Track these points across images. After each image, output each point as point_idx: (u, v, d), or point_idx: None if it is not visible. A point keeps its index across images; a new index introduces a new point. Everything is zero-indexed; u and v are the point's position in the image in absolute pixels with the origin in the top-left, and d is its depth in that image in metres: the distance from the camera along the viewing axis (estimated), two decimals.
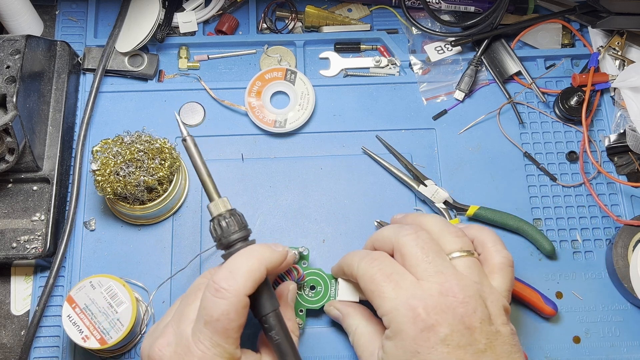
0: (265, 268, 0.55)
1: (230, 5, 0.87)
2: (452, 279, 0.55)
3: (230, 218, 0.58)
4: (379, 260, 0.58)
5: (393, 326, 0.55)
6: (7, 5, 0.78)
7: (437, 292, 0.54)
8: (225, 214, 0.59)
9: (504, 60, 0.84)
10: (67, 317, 0.65)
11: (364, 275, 0.58)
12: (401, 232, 0.59)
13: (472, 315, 0.54)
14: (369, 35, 0.86)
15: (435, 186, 0.76)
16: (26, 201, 0.74)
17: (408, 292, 0.55)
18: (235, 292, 0.53)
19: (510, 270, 0.60)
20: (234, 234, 0.58)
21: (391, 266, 0.58)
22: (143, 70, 0.82)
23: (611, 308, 0.73)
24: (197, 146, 0.61)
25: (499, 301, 0.57)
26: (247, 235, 0.59)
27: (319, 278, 0.70)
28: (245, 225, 0.59)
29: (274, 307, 0.56)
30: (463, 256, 0.58)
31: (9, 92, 0.69)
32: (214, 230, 0.59)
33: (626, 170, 0.79)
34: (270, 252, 0.56)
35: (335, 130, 0.81)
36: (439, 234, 0.60)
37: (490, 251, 0.60)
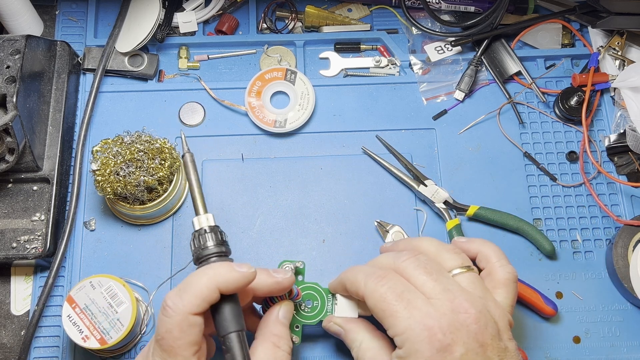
0: (217, 287, 0.53)
1: (230, 5, 0.87)
2: (460, 295, 0.54)
3: (209, 233, 0.57)
4: (387, 278, 0.57)
5: (407, 346, 0.53)
6: (7, 5, 0.78)
7: (449, 310, 0.53)
8: (205, 229, 0.58)
9: (504, 60, 0.84)
10: (67, 317, 0.65)
11: (372, 294, 0.56)
12: (400, 258, 0.58)
13: (484, 331, 0.53)
14: (369, 35, 0.86)
15: (435, 186, 0.76)
16: (26, 201, 0.74)
17: (422, 311, 0.53)
18: (179, 311, 0.52)
19: (515, 286, 0.59)
20: (207, 249, 0.57)
21: (402, 284, 0.56)
22: (143, 70, 0.82)
23: (611, 308, 0.73)
24: (194, 163, 0.63)
25: (505, 316, 0.56)
26: (221, 252, 0.57)
27: (316, 293, 0.66)
28: (223, 241, 0.58)
29: (235, 328, 0.54)
30: (463, 272, 0.57)
31: (9, 92, 0.69)
32: (192, 242, 0.58)
33: (626, 170, 0.79)
34: (227, 270, 0.54)
35: (335, 130, 0.81)
36: (436, 253, 0.59)
37: (494, 266, 0.60)
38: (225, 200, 0.77)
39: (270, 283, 0.59)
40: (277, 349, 0.57)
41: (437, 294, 0.54)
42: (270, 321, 0.60)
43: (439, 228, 0.76)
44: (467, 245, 0.62)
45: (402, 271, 0.57)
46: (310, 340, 0.71)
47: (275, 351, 0.57)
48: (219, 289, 0.53)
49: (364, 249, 0.75)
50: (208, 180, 0.78)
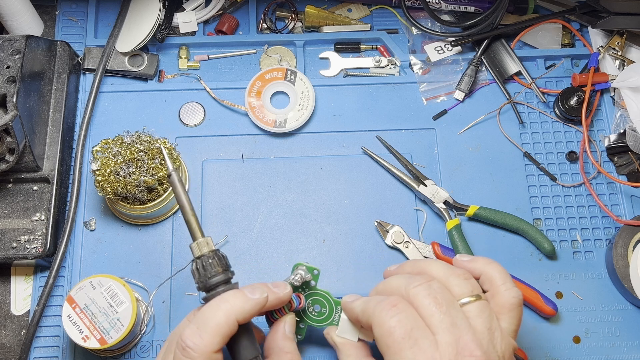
0: (236, 320, 0.52)
1: (230, 5, 0.87)
2: (466, 333, 0.52)
3: (213, 259, 0.56)
4: (398, 308, 0.54)
5: None
6: (7, 5, 0.78)
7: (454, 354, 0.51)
8: (208, 255, 0.56)
9: (504, 60, 0.84)
10: (67, 317, 0.65)
11: (381, 325, 0.54)
12: (412, 283, 0.56)
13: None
14: (369, 35, 0.86)
15: (435, 186, 0.76)
16: (26, 201, 0.74)
17: (426, 355, 0.51)
18: (200, 352, 0.51)
19: (520, 310, 0.57)
20: (214, 277, 0.55)
21: (411, 319, 0.53)
22: (143, 70, 0.82)
23: (611, 308, 0.73)
24: (182, 182, 0.59)
25: (509, 344, 0.54)
26: (228, 278, 0.56)
27: (325, 301, 0.66)
28: (228, 266, 0.57)
29: (252, 355, 0.54)
30: (472, 301, 0.55)
31: (9, 92, 0.69)
32: (195, 271, 0.56)
33: (626, 170, 0.79)
34: (243, 301, 0.53)
35: (335, 130, 0.81)
36: (446, 279, 0.57)
37: (499, 290, 0.58)
38: (225, 200, 0.77)
39: (271, 299, 0.58)
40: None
41: (444, 329, 0.52)
42: (279, 339, 0.59)
43: (439, 228, 0.76)
44: (471, 265, 0.60)
45: (413, 298, 0.55)
46: (312, 342, 0.71)
47: None
48: (237, 321, 0.53)
49: (364, 249, 0.75)
50: (208, 180, 0.78)
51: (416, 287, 0.55)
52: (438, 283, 0.56)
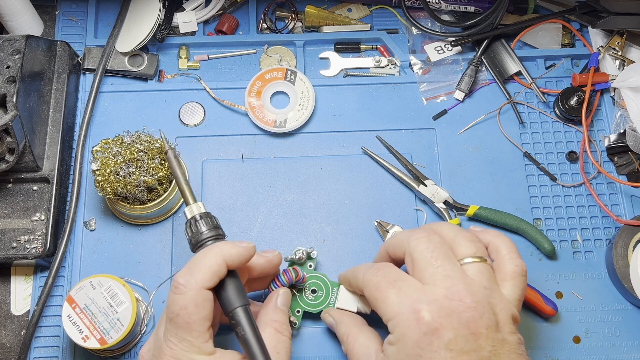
0: (224, 261, 0.55)
1: (230, 5, 0.87)
2: (459, 283, 0.54)
3: (202, 220, 0.60)
4: (383, 269, 0.59)
5: (397, 330, 0.54)
6: (7, 5, 0.78)
7: (442, 295, 0.54)
8: (197, 216, 0.60)
9: (504, 60, 0.84)
10: (67, 317, 0.65)
11: (368, 284, 0.58)
12: (413, 236, 0.59)
13: (478, 321, 0.53)
14: (369, 35, 0.86)
15: (435, 186, 0.76)
16: (26, 201, 0.74)
17: (412, 296, 0.54)
18: (191, 287, 0.53)
19: (523, 279, 0.59)
20: (204, 233, 0.59)
21: (395, 273, 0.58)
22: (143, 70, 0.82)
23: (611, 308, 0.73)
24: (177, 157, 0.66)
25: (508, 309, 0.56)
26: (217, 235, 0.60)
27: (322, 283, 0.69)
28: (217, 226, 0.60)
29: (241, 302, 0.56)
30: (475, 262, 0.57)
31: (9, 92, 0.69)
32: (188, 229, 0.60)
33: (626, 170, 0.79)
34: (230, 246, 0.57)
35: (335, 130, 0.81)
36: (453, 238, 0.59)
37: (504, 259, 0.59)
38: (225, 200, 0.77)
39: (262, 262, 0.63)
40: (279, 334, 0.59)
41: (435, 280, 0.55)
42: (270, 308, 0.62)
43: None
44: (481, 235, 0.62)
45: (412, 250, 0.58)
46: (310, 341, 0.71)
47: (277, 336, 0.59)
48: (226, 263, 0.55)
49: (364, 248, 0.75)
50: (208, 180, 0.78)
51: (416, 240, 0.58)
52: (439, 238, 0.58)
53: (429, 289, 0.54)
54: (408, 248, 0.58)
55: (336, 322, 0.65)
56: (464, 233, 0.60)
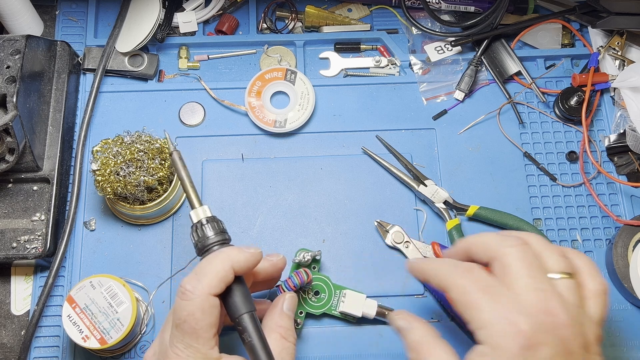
0: (232, 267, 0.55)
1: (230, 5, 0.87)
2: (554, 298, 0.51)
3: (208, 224, 0.59)
4: (473, 272, 0.54)
5: (490, 341, 0.50)
6: (7, 5, 0.78)
7: (540, 310, 0.51)
8: (203, 220, 0.59)
9: (504, 60, 0.84)
10: (67, 317, 0.65)
11: (456, 286, 0.54)
12: (506, 242, 0.55)
13: (574, 340, 0.50)
14: (369, 35, 0.86)
15: (435, 186, 0.76)
16: (26, 201, 0.74)
17: (507, 306, 0.51)
18: (199, 293, 0.53)
19: (606, 298, 0.56)
20: (210, 238, 0.58)
21: (486, 279, 0.53)
22: (143, 70, 0.82)
23: (611, 308, 0.73)
24: (182, 159, 0.63)
25: (595, 329, 0.53)
26: (223, 239, 0.58)
27: (325, 285, 0.70)
28: (223, 230, 0.59)
29: (247, 309, 0.55)
30: (565, 278, 0.54)
31: (9, 92, 0.69)
32: (195, 234, 0.59)
33: (626, 170, 0.79)
34: (238, 252, 0.56)
35: (335, 130, 0.81)
36: (542, 251, 0.56)
37: (586, 276, 0.56)
38: (225, 200, 0.77)
39: (267, 266, 0.62)
40: (284, 340, 0.59)
41: (529, 291, 0.52)
42: (276, 313, 0.61)
43: (439, 228, 0.76)
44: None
45: (504, 256, 0.54)
46: (310, 341, 0.71)
47: (282, 342, 0.58)
48: (233, 270, 0.55)
49: (364, 248, 0.75)
50: (208, 180, 0.78)
51: (510, 247, 0.54)
52: (532, 249, 0.55)
53: (524, 300, 0.51)
54: (499, 253, 0.54)
55: (408, 327, 0.60)
56: (552, 247, 0.57)
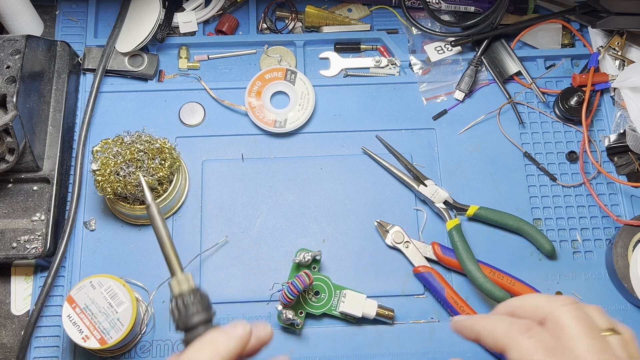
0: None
1: (230, 5, 0.87)
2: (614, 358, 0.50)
3: (194, 297, 0.51)
4: (534, 331, 0.51)
5: None
6: (7, 5, 0.78)
7: None
8: (188, 293, 0.51)
9: (504, 60, 0.84)
10: (67, 317, 0.65)
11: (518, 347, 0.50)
12: (558, 302, 0.53)
13: None
14: (369, 35, 0.86)
15: (435, 186, 0.76)
16: (26, 201, 0.74)
17: None
18: None
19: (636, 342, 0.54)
20: (194, 316, 0.50)
21: (550, 340, 0.51)
22: (143, 70, 0.82)
23: (611, 308, 0.73)
24: (161, 214, 0.55)
25: None
26: (210, 318, 0.51)
27: (325, 285, 0.71)
28: (209, 306, 0.51)
29: None
30: (613, 334, 0.52)
31: (9, 92, 0.69)
32: (175, 309, 0.51)
33: (626, 170, 0.79)
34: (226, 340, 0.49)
35: (335, 130, 0.81)
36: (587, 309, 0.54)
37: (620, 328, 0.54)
38: (225, 200, 0.77)
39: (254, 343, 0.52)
40: None
41: (593, 354, 0.49)
42: None
43: (439, 228, 0.76)
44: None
45: (559, 317, 0.52)
46: (310, 341, 0.71)
47: None
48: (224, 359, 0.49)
49: (364, 248, 0.75)
50: (208, 180, 0.78)
51: (564, 307, 0.52)
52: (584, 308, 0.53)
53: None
54: (553, 314, 0.52)
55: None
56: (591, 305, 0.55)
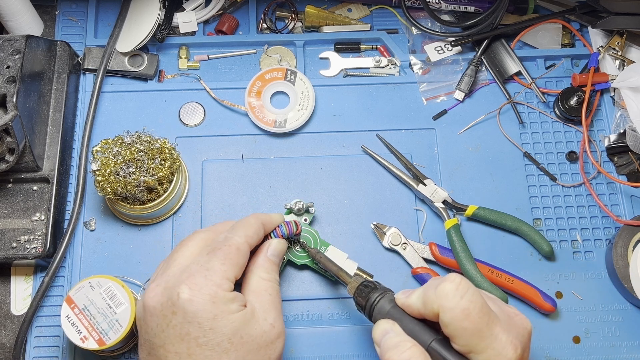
0: (262, 225, 0.65)
1: (230, 5, 0.87)
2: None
3: (368, 284, 0.61)
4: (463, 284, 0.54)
5: None
6: (7, 5, 0.78)
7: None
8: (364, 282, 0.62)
9: (504, 60, 0.84)
10: (65, 317, 0.65)
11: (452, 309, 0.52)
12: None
13: None
14: (369, 35, 0.86)
15: (434, 185, 0.76)
16: (26, 201, 0.74)
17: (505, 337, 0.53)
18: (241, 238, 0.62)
19: None
20: (372, 292, 0.60)
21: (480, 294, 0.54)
22: (143, 70, 0.82)
23: (611, 308, 0.73)
24: (326, 257, 0.68)
25: None
26: (384, 290, 0.60)
27: (312, 238, 0.73)
28: (377, 285, 0.61)
29: None
30: None
31: (9, 92, 0.69)
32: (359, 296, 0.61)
33: (626, 170, 0.79)
34: (265, 215, 0.67)
35: (335, 130, 0.81)
36: None
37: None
38: (225, 200, 0.77)
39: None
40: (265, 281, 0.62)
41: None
42: (260, 257, 0.64)
43: (439, 228, 0.76)
44: None
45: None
46: (310, 341, 0.71)
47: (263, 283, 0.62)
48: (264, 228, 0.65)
49: (364, 248, 0.75)
50: (208, 180, 0.78)
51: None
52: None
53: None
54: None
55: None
56: None
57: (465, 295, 0.52)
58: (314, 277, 0.74)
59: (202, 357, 0.55)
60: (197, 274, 0.57)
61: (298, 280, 0.74)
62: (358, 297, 0.61)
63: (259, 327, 0.58)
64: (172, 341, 0.55)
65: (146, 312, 0.58)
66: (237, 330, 0.56)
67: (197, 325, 0.55)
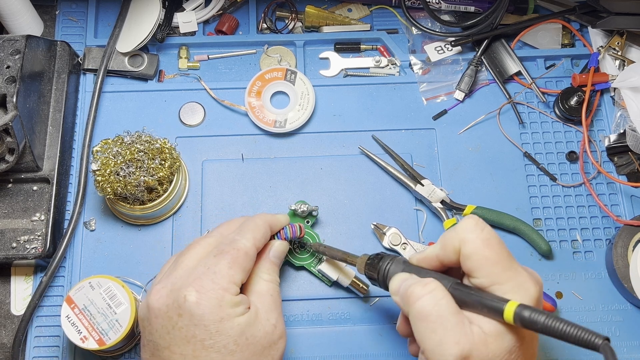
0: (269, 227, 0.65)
1: (230, 5, 0.87)
2: None
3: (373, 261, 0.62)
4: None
5: None
6: (7, 5, 0.78)
7: None
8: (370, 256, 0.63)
9: (504, 60, 0.84)
10: (65, 317, 0.65)
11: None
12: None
13: None
14: (369, 35, 0.86)
15: (432, 185, 0.76)
16: (26, 201, 0.74)
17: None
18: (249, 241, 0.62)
19: None
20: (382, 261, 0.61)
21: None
22: (143, 70, 0.82)
23: (611, 308, 0.73)
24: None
25: None
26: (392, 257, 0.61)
27: (312, 241, 0.72)
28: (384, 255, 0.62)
29: None
30: None
31: (9, 92, 0.69)
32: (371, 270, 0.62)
33: (626, 170, 0.79)
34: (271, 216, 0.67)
35: (335, 130, 0.81)
36: None
37: None
38: (225, 200, 0.77)
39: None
40: (268, 283, 0.63)
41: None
42: (262, 259, 0.65)
43: (438, 228, 0.76)
44: None
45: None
46: (310, 341, 0.71)
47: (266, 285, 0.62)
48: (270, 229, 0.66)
49: (364, 249, 0.75)
50: (208, 180, 0.78)
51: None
52: None
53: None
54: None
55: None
56: None
57: (485, 229, 0.53)
58: (314, 277, 0.74)
59: (208, 359, 0.55)
60: (204, 277, 0.57)
61: (298, 281, 0.74)
62: (369, 271, 0.61)
63: (263, 328, 0.58)
64: (177, 343, 0.56)
65: (151, 313, 0.58)
66: (242, 332, 0.56)
67: (203, 328, 0.55)
